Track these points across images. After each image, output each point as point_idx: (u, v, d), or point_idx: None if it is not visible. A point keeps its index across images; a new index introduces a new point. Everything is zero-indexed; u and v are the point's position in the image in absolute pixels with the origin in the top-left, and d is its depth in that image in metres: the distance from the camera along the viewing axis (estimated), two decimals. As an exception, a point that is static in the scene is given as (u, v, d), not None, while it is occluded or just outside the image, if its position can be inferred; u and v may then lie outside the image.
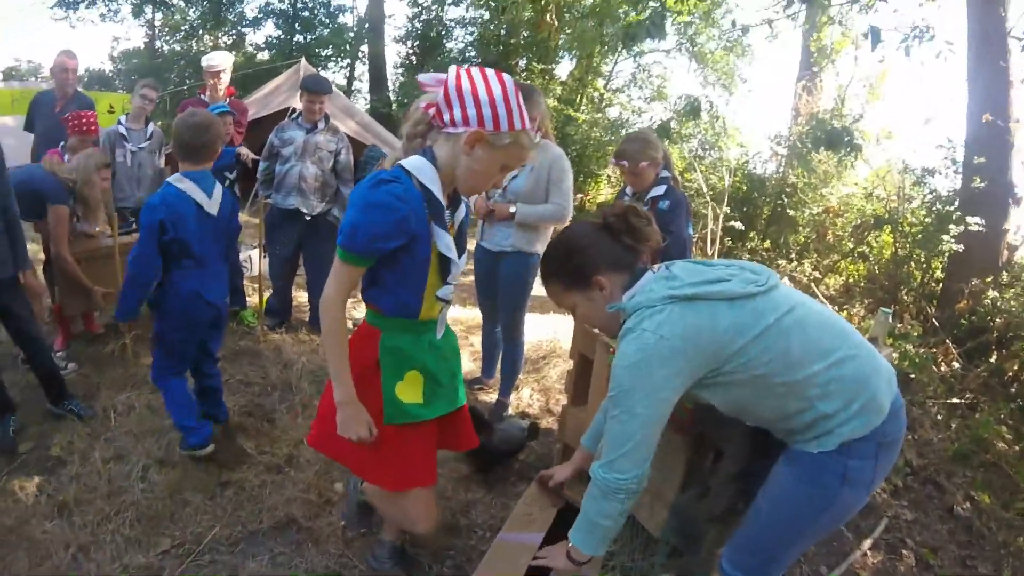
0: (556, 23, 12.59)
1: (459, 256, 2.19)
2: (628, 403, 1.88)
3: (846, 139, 6.77)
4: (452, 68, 2.01)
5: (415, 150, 2.11)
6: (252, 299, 6.10)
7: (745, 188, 10.37)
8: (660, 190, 3.84)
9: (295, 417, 4.27)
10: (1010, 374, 5.68)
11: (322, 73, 11.22)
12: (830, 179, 9.25)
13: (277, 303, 5.79)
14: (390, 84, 13.56)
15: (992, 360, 5.88)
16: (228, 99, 5.64)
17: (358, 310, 6.42)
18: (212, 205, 3.42)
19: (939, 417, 5.21)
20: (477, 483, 3.78)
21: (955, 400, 5.41)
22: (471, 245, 4.30)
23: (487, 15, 15.04)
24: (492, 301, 4.55)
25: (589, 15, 13.05)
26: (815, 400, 1.91)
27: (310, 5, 18.74)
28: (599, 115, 12.66)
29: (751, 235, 9.77)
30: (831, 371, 1.90)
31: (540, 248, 4.29)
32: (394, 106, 11.99)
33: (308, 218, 5.32)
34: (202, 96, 5.67)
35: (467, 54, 13.41)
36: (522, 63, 13.20)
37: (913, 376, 5.38)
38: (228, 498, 3.44)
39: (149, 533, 3.14)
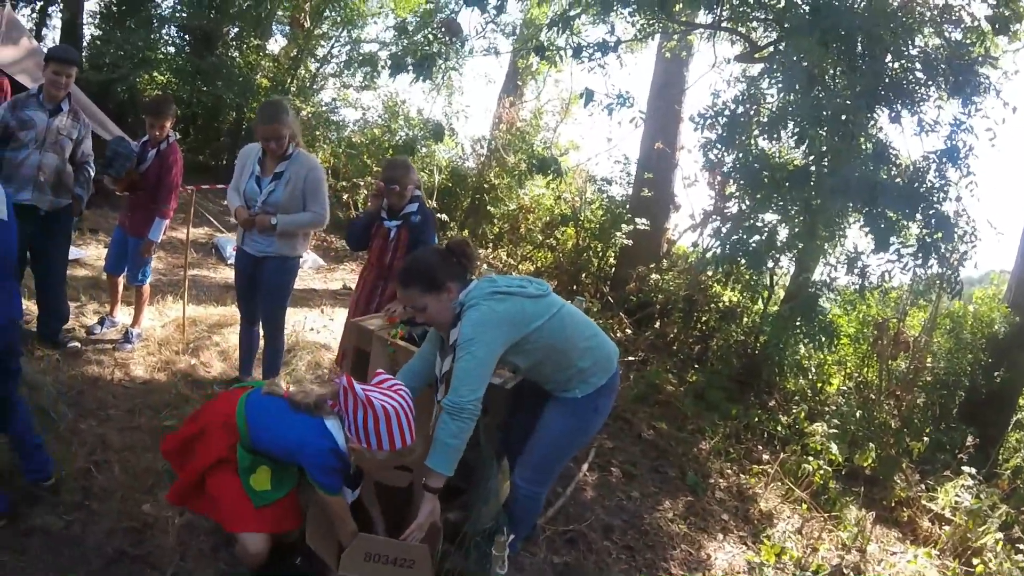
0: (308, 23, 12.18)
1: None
2: (471, 348, 2.75)
3: (552, 168, 8.07)
4: (351, 397, 2.64)
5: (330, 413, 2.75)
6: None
7: (450, 184, 11.33)
8: (413, 207, 4.31)
9: (68, 445, 3.79)
10: (670, 336, 7.40)
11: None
12: (525, 181, 10.56)
13: None
14: (86, 38, 11.88)
15: (656, 327, 7.53)
16: None
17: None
18: None
19: (620, 371, 6.55)
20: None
21: (631, 358, 6.89)
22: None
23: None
24: (252, 302, 4.61)
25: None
26: (576, 360, 3.00)
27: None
28: (313, 98, 12.50)
29: (451, 225, 10.71)
30: (587, 342, 3.03)
31: (301, 251, 4.52)
32: (86, 66, 10.79)
33: (42, 214, 4.56)
34: None
35: (178, 12, 12.18)
36: (233, 32, 12.47)
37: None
38: (40, 547, 3.03)
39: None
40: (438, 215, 9.71)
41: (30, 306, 5.07)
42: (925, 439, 6.39)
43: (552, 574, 3.66)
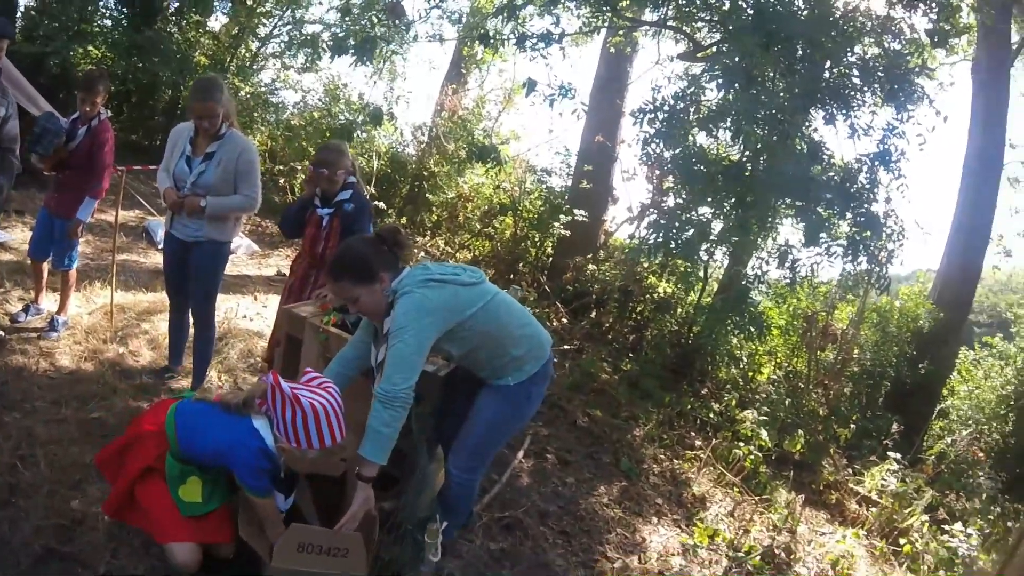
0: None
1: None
2: (403, 336, 2.71)
3: (491, 155, 8.05)
4: (278, 395, 2.58)
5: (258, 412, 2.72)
6: None
7: (389, 170, 11.21)
8: (346, 195, 4.14)
9: None
10: (606, 326, 7.53)
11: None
12: (464, 169, 10.54)
13: None
14: (20, 8, 11.18)
15: (592, 316, 7.65)
16: None
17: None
18: None
19: (555, 360, 6.60)
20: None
21: (567, 347, 6.98)
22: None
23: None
24: (182, 289, 4.48)
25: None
26: (510, 348, 2.99)
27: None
28: (252, 78, 12.14)
29: (389, 212, 10.60)
30: (521, 330, 3.03)
31: (231, 236, 4.41)
32: (19, 38, 10.18)
33: None
34: None
35: (119, -11, 11.63)
36: (173, 6, 11.93)
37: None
38: None
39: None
40: (376, 202, 9.58)
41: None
42: (852, 426, 6.69)
43: (489, 560, 3.67)
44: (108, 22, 11.73)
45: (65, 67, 10.12)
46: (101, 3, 11.67)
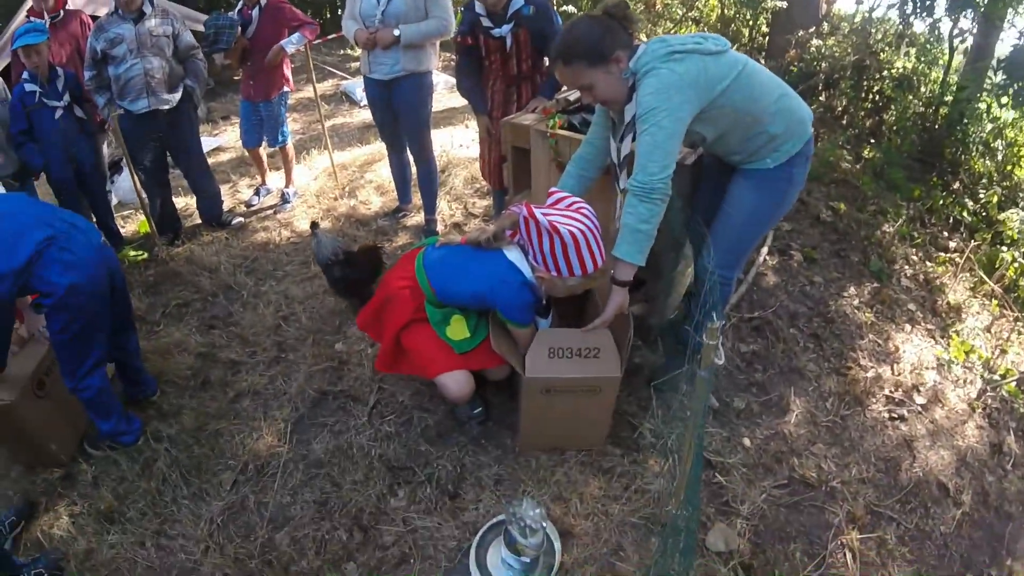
0: None
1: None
2: (655, 119, 2.31)
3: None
4: (533, 226, 2.40)
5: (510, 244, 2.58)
6: (129, 227, 5.28)
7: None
8: (519, 1, 3.61)
9: (254, 309, 4.04)
10: (840, 109, 6.55)
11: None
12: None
13: (162, 217, 4.91)
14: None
15: (822, 99, 6.68)
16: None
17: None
18: None
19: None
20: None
21: (799, 133, 6.14)
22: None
23: None
24: (394, 130, 4.41)
25: None
26: (767, 125, 2.52)
27: None
28: None
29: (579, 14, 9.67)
30: (776, 104, 2.52)
31: (430, 65, 4.13)
32: None
33: (164, 112, 4.49)
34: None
35: None
36: None
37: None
38: (248, 406, 3.30)
39: (204, 479, 2.91)
40: (563, 7, 8.78)
41: (189, 201, 5.42)
42: None
43: (740, 363, 3.46)
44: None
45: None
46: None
